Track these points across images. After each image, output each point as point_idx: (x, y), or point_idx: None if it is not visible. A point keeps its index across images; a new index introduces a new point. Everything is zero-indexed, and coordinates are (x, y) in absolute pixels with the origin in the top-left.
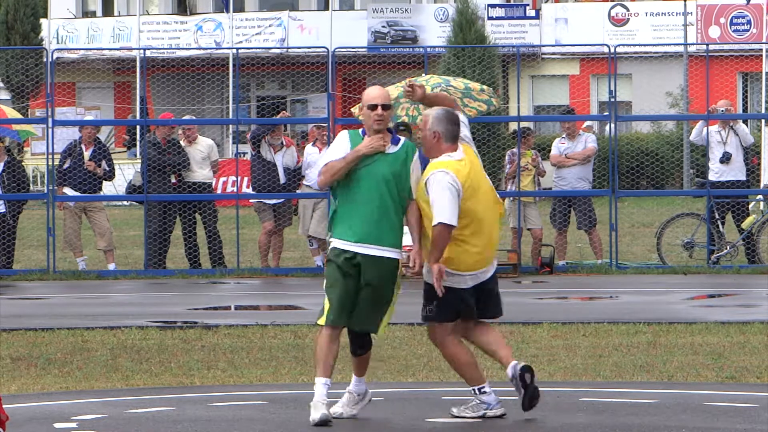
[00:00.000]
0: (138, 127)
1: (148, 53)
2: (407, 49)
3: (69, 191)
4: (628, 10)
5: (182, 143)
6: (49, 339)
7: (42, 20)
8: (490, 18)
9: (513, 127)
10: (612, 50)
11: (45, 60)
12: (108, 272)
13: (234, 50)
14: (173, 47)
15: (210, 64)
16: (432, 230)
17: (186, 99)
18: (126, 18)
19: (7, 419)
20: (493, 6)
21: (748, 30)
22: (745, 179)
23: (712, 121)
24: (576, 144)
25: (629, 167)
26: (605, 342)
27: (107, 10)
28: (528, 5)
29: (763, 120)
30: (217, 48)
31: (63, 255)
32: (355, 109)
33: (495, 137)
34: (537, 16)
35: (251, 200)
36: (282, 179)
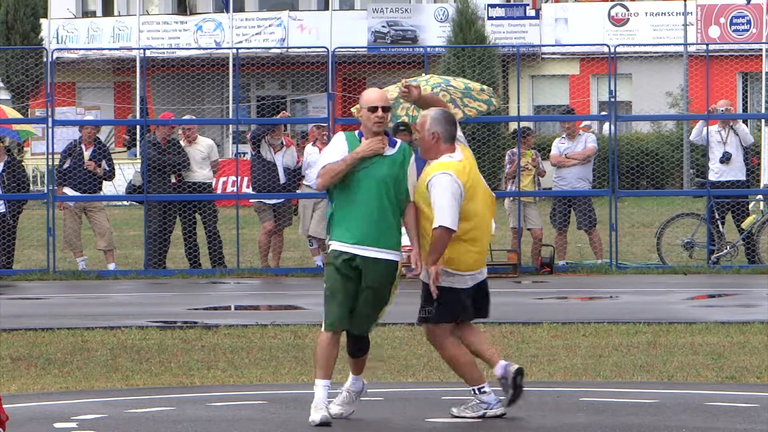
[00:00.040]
0: (138, 127)
1: (148, 53)
2: (407, 49)
3: (69, 191)
4: (628, 10)
5: (182, 143)
6: (49, 339)
7: (42, 20)
8: (490, 18)
9: (513, 127)
10: (612, 50)
11: (45, 60)
12: (108, 272)
13: (234, 50)
14: (173, 47)
15: (210, 64)
16: (432, 233)
17: (186, 99)
18: (126, 18)
19: (7, 419)
20: (493, 6)
21: (748, 30)
22: (745, 179)
23: (712, 121)
24: (576, 144)
25: (629, 167)
26: (605, 342)
27: (107, 10)
28: (528, 5)
29: (763, 120)
30: (217, 48)
31: (63, 255)
32: (355, 110)
33: (495, 137)
34: (537, 16)
35: (251, 200)
36: (282, 179)
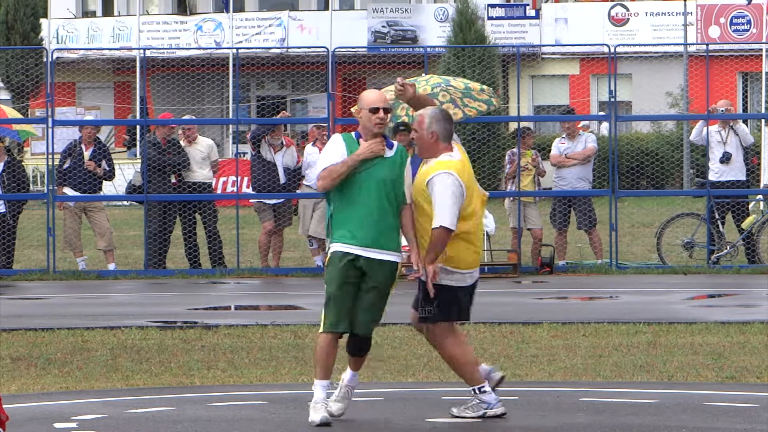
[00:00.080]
0: (138, 127)
1: (148, 53)
2: (407, 49)
3: (69, 191)
4: (628, 10)
5: (182, 143)
6: (49, 339)
7: (42, 20)
8: (490, 18)
9: (513, 127)
10: (612, 50)
11: (45, 60)
12: (108, 272)
13: (234, 50)
14: (173, 47)
15: (210, 64)
16: (432, 232)
17: (186, 99)
18: (126, 18)
19: (7, 419)
20: (493, 6)
21: (748, 30)
22: (745, 179)
23: (712, 121)
24: (576, 144)
25: (629, 167)
26: (605, 342)
27: (107, 10)
28: (528, 5)
29: (763, 120)
30: (217, 48)
31: (63, 255)
32: (354, 110)
33: (495, 137)
34: (537, 16)
35: (251, 200)
36: (282, 179)
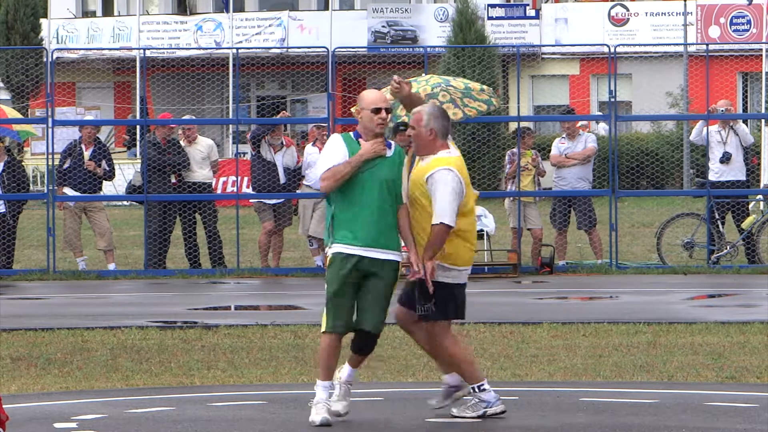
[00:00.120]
0: (138, 127)
1: (148, 53)
2: (407, 49)
3: (69, 191)
4: (628, 10)
5: (182, 143)
6: (49, 339)
7: (42, 20)
8: (490, 18)
9: (513, 127)
10: (612, 50)
11: (45, 60)
12: (108, 272)
13: (234, 50)
14: (173, 47)
15: (210, 64)
16: (431, 228)
17: (186, 99)
18: (126, 18)
19: (7, 419)
20: (493, 6)
21: (748, 30)
22: (745, 179)
23: (712, 121)
24: (576, 144)
25: (629, 167)
26: (605, 342)
27: (107, 10)
28: (528, 5)
29: (763, 120)
30: (217, 48)
31: (63, 255)
32: (354, 110)
33: (495, 137)
34: (537, 16)
35: (251, 200)
36: (282, 179)
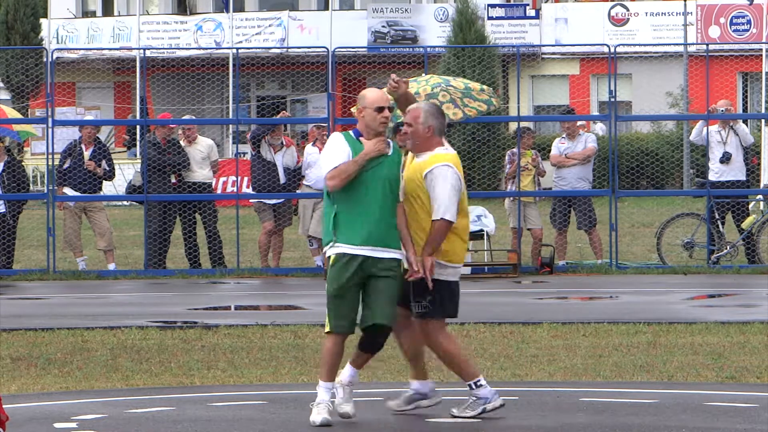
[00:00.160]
0: (138, 127)
1: (148, 53)
2: (407, 49)
3: (69, 191)
4: (628, 10)
5: (182, 143)
6: (49, 339)
7: (42, 20)
8: (490, 18)
9: (513, 127)
10: (612, 50)
11: (45, 60)
12: (108, 272)
13: (234, 50)
14: (173, 47)
15: (210, 64)
16: (432, 224)
17: (186, 99)
18: (126, 18)
19: (7, 419)
20: (493, 6)
21: (748, 30)
22: (745, 179)
23: (712, 121)
24: (576, 144)
25: (629, 167)
26: (605, 342)
27: (107, 10)
28: (528, 5)
29: (763, 120)
30: (217, 48)
31: (63, 255)
32: (355, 110)
33: (495, 137)
34: (537, 16)
35: (251, 200)
36: (282, 179)
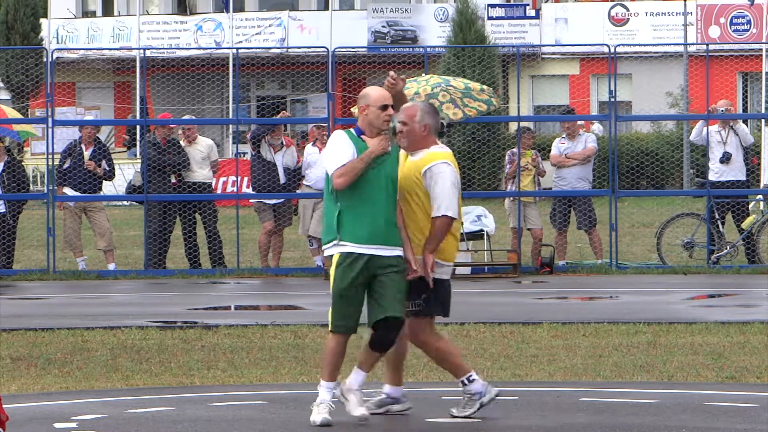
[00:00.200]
0: (138, 127)
1: (148, 53)
2: (407, 49)
3: (69, 191)
4: (628, 10)
5: (182, 143)
6: (49, 339)
7: (42, 20)
8: (490, 18)
9: (513, 127)
10: (612, 50)
11: (45, 60)
12: (108, 272)
13: (234, 50)
14: (173, 47)
15: (210, 64)
16: (434, 222)
17: (186, 99)
18: (126, 18)
19: (7, 419)
20: (493, 6)
21: (748, 30)
22: (745, 179)
23: (712, 121)
24: (576, 144)
25: (629, 167)
26: (605, 342)
27: (107, 10)
28: (528, 5)
29: (763, 120)
30: (217, 48)
31: (63, 255)
32: (355, 109)
33: (495, 137)
34: (537, 16)
35: (251, 200)
36: (282, 179)
